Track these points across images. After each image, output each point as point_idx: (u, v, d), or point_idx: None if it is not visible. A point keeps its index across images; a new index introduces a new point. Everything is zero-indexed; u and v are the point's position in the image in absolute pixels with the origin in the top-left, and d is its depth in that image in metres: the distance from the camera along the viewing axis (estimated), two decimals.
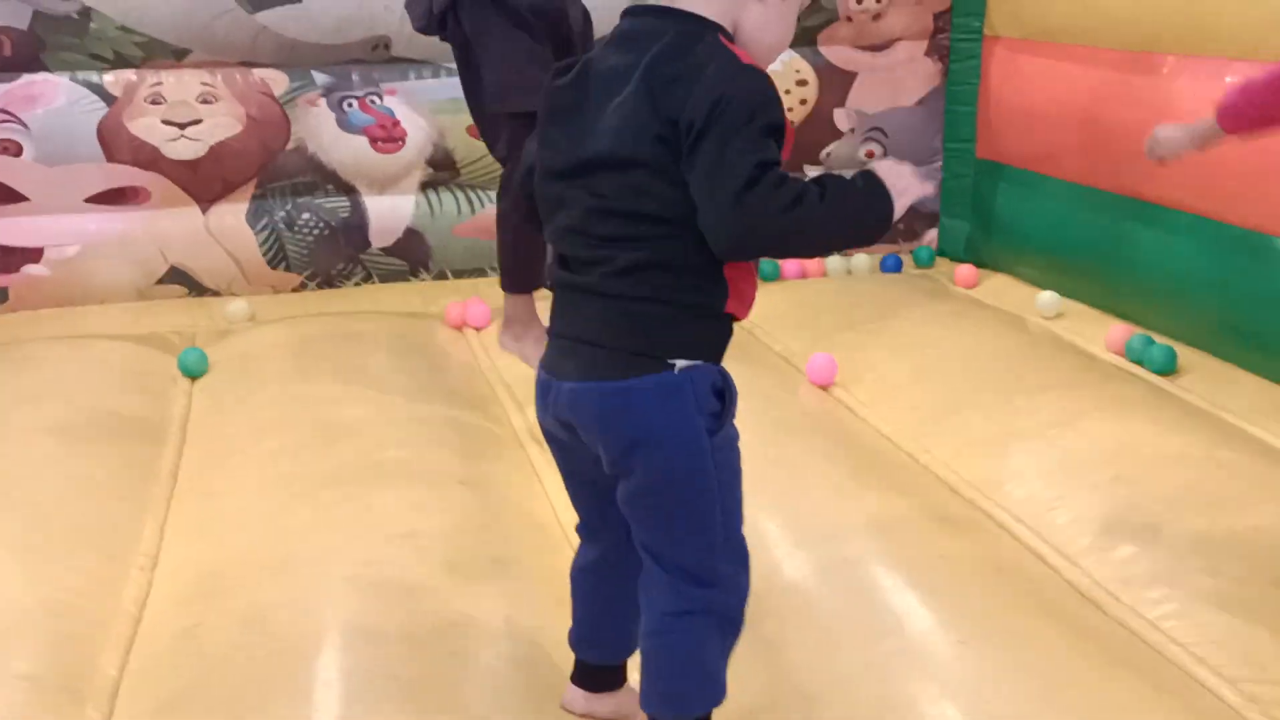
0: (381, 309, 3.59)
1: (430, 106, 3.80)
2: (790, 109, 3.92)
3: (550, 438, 1.52)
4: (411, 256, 3.88)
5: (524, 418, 2.70)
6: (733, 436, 1.47)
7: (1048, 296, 3.49)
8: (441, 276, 3.92)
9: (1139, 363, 3.04)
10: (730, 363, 1.48)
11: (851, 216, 1.42)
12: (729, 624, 1.48)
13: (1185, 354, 3.01)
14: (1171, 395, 2.81)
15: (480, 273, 3.93)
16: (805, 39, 3.98)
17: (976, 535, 2.18)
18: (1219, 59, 2.93)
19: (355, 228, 3.82)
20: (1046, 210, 3.64)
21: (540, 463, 2.42)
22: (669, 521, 1.45)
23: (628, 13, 1.48)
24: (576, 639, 1.64)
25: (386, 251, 3.86)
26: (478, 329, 3.44)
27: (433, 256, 3.89)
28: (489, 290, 3.73)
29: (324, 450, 2.42)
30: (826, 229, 1.41)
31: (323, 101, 3.75)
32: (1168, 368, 2.98)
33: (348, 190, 3.82)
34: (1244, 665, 1.75)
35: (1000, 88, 3.83)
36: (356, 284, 3.87)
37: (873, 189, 1.42)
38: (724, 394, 1.45)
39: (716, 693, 1.48)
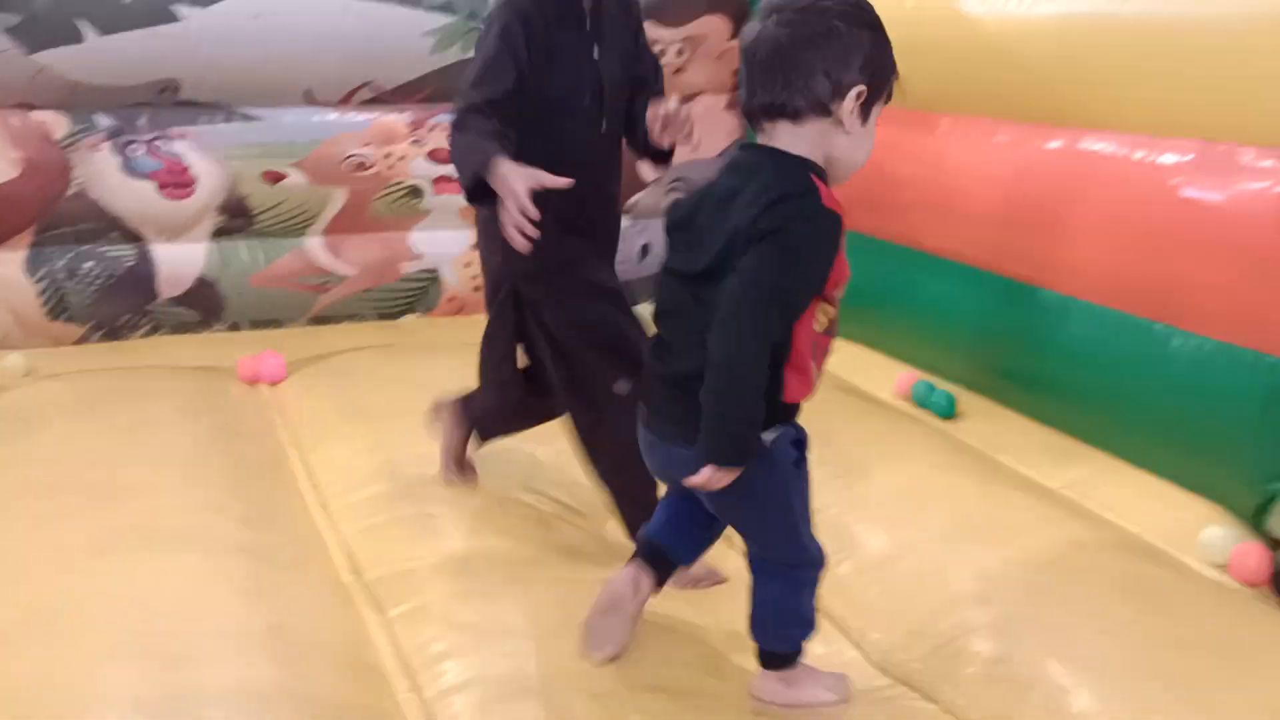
0: (170, 362, 3.46)
1: (222, 151, 3.71)
2: None
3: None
4: (203, 307, 3.76)
5: (312, 481, 2.65)
6: (806, 465, 1.86)
7: None
8: (236, 328, 3.81)
9: (924, 407, 3.18)
10: None
11: None
12: (815, 572, 1.88)
13: (966, 398, 3.16)
14: (953, 438, 2.94)
15: (276, 323, 3.84)
16: None
17: None
18: (986, 119, 3.11)
19: (142, 277, 3.69)
20: None
21: (324, 524, 2.38)
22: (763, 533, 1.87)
23: (741, 146, 1.84)
24: (654, 527, 1.97)
25: (176, 302, 3.74)
26: (272, 383, 3.35)
27: (226, 307, 3.78)
28: (285, 342, 3.66)
29: (98, 515, 2.31)
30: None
31: (106, 146, 3.61)
32: (949, 411, 3.12)
33: (134, 238, 3.68)
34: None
35: None
36: (144, 336, 3.73)
37: None
38: (800, 443, 1.84)
39: (810, 627, 1.90)
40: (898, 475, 2.60)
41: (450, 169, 3.84)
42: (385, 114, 3.85)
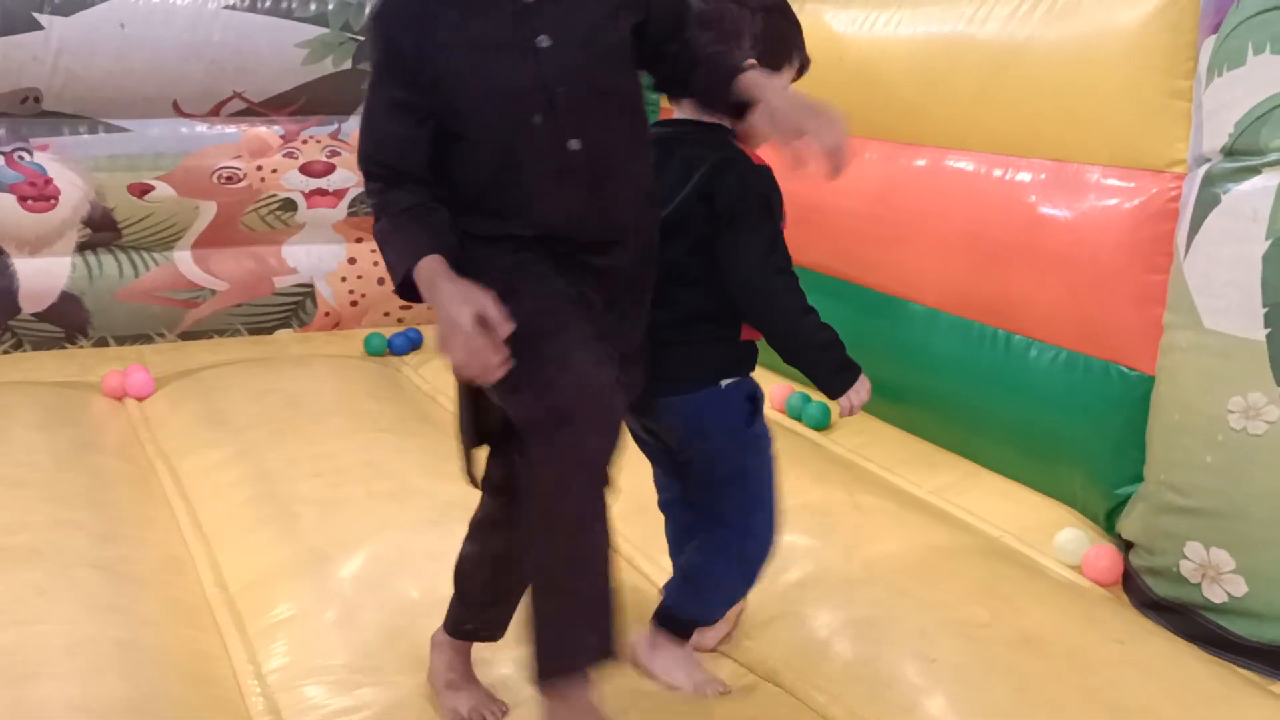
0: (31, 379, 3.36)
1: (87, 163, 3.62)
2: None
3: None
4: (68, 322, 3.66)
5: (181, 492, 2.60)
6: (766, 428, 1.94)
7: None
8: (102, 343, 3.72)
9: (798, 419, 3.24)
10: None
11: None
12: (751, 564, 1.93)
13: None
14: (823, 448, 3.00)
15: (145, 339, 3.76)
16: None
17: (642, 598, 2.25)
18: (856, 137, 3.17)
19: (3, 292, 3.58)
20: None
21: (193, 537, 2.33)
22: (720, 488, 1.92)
23: (656, 124, 1.88)
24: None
25: (39, 317, 3.63)
26: (139, 399, 3.27)
27: (92, 322, 3.69)
28: (153, 357, 3.58)
29: None
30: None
31: None
32: (822, 423, 3.19)
33: None
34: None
35: None
36: (5, 352, 3.61)
37: None
38: (755, 400, 1.93)
39: (721, 610, 1.99)
40: None
41: (325, 181, 3.87)
42: (256, 126, 3.79)
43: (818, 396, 3.26)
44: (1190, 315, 2.16)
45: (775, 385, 3.37)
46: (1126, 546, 2.41)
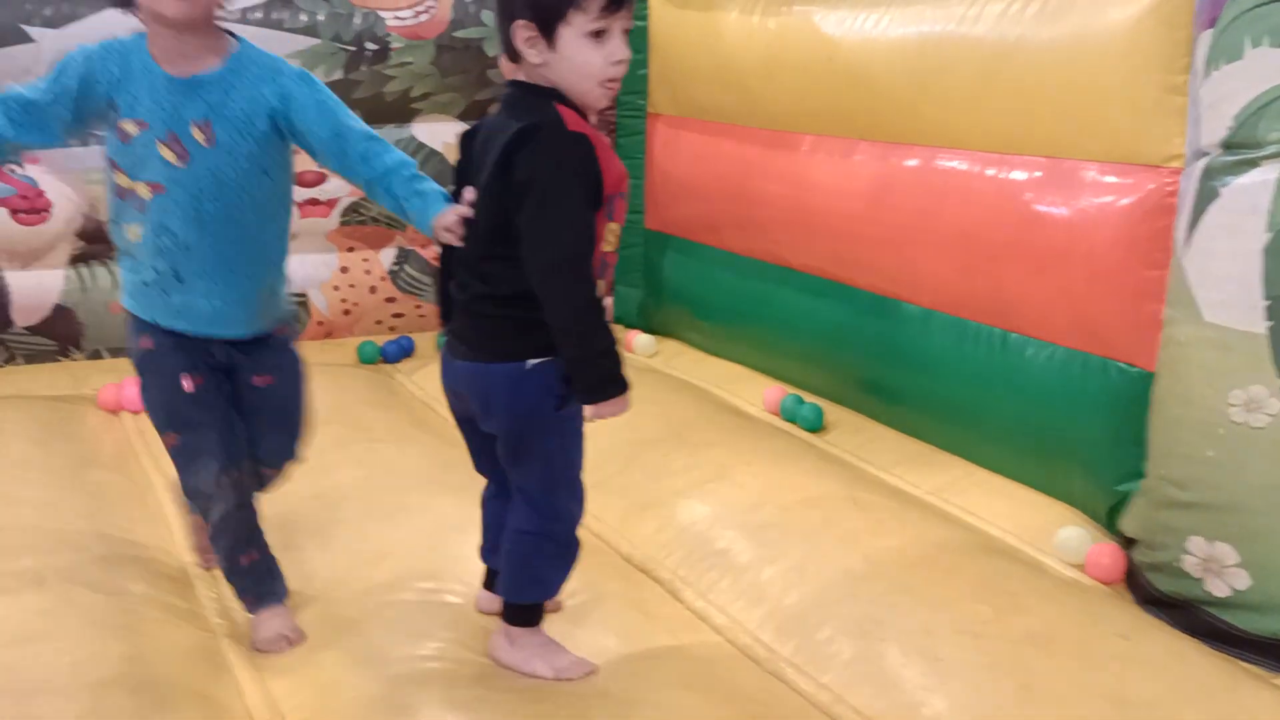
0: (25, 393, 3.34)
1: (79, 175, 3.60)
2: None
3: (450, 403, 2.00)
4: (61, 335, 3.65)
5: (173, 507, 2.58)
6: (576, 411, 1.90)
7: (644, 340, 3.93)
8: (96, 356, 3.70)
9: (792, 421, 3.24)
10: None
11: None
12: (559, 543, 1.96)
13: (833, 411, 3.22)
14: (818, 449, 3.00)
15: None
16: (477, 112, 4.03)
17: (641, 593, 2.27)
18: (848, 138, 3.19)
19: None
20: (709, 278, 3.83)
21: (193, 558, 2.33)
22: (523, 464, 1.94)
23: (508, 83, 1.90)
24: (485, 550, 2.12)
25: (32, 330, 3.61)
26: (135, 412, 3.25)
27: (85, 335, 3.67)
28: None
29: None
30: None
31: None
32: (816, 425, 3.18)
33: None
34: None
35: (664, 162, 4.01)
36: None
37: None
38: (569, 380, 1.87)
39: (543, 591, 1.99)
40: (765, 484, 2.63)
41: (318, 191, 3.85)
42: None
43: (810, 398, 3.27)
44: (1190, 309, 2.16)
45: (769, 389, 3.37)
46: (1128, 543, 2.40)
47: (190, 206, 1.93)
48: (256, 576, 2.09)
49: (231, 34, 1.98)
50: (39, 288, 3.61)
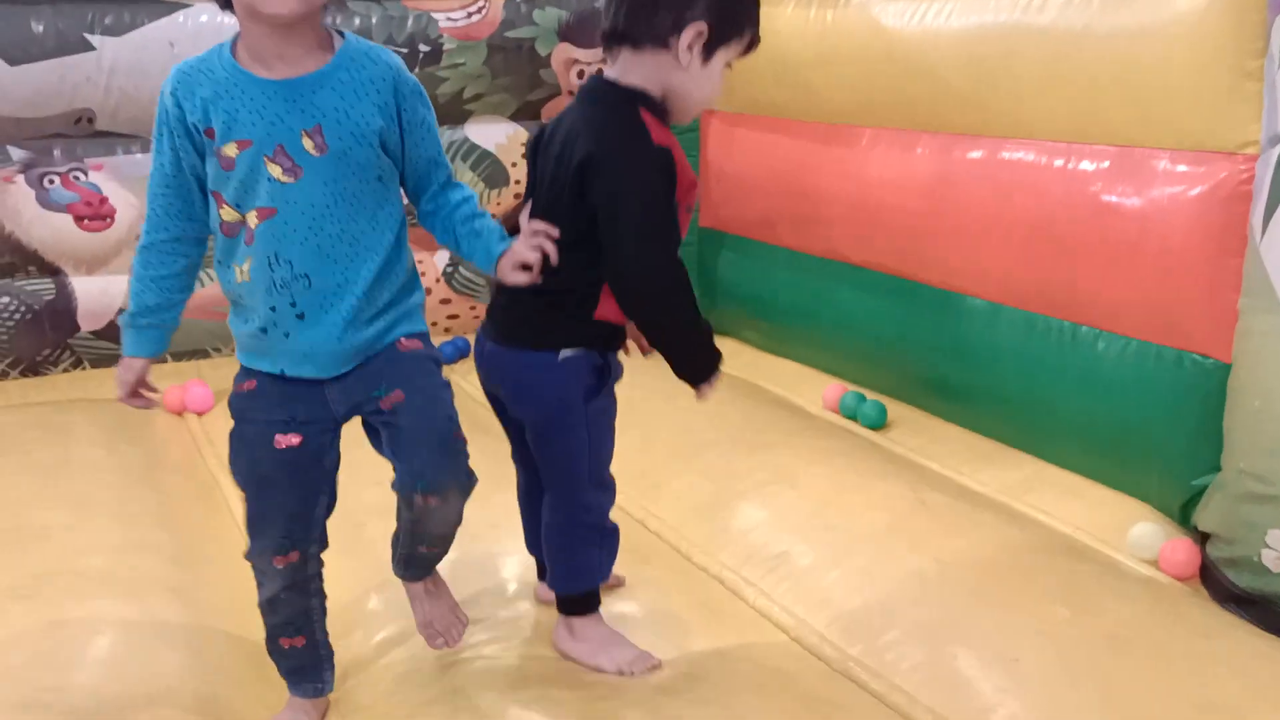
0: (92, 396, 3.38)
1: (141, 182, 3.60)
2: (517, 181, 3.97)
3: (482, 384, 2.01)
4: None
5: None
6: (608, 404, 1.94)
7: None
8: (160, 359, 3.73)
9: (853, 419, 3.20)
10: None
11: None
12: (593, 530, 1.97)
13: (895, 409, 3.18)
14: (882, 448, 2.96)
15: (202, 354, 3.77)
16: (530, 113, 4.04)
17: (705, 593, 2.25)
18: (908, 130, 3.15)
19: (61, 311, 3.60)
20: (764, 276, 3.80)
21: None
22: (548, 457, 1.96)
23: (590, 77, 1.93)
24: (529, 543, 2.15)
25: (97, 335, 3.65)
26: (199, 414, 3.29)
27: None
28: (210, 371, 3.60)
29: (17, 558, 2.23)
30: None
31: (20, 178, 3.52)
32: (879, 423, 3.14)
33: (52, 271, 3.59)
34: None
35: (718, 159, 3.99)
36: (64, 370, 3.64)
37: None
38: (603, 372, 1.91)
39: (589, 578, 1.99)
40: (829, 483, 2.61)
41: None
42: None
43: (872, 395, 3.23)
44: (1269, 298, 2.10)
45: (830, 386, 3.34)
46: (1203, 539, 2.35)
47: (306, 228, 1.69)
48: (296, 664, 1.87)
49: (338, 30, 1.73)
50: (104, 293, 3.65)
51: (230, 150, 1.66)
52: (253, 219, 1.68)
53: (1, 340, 3.55)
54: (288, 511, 1.77)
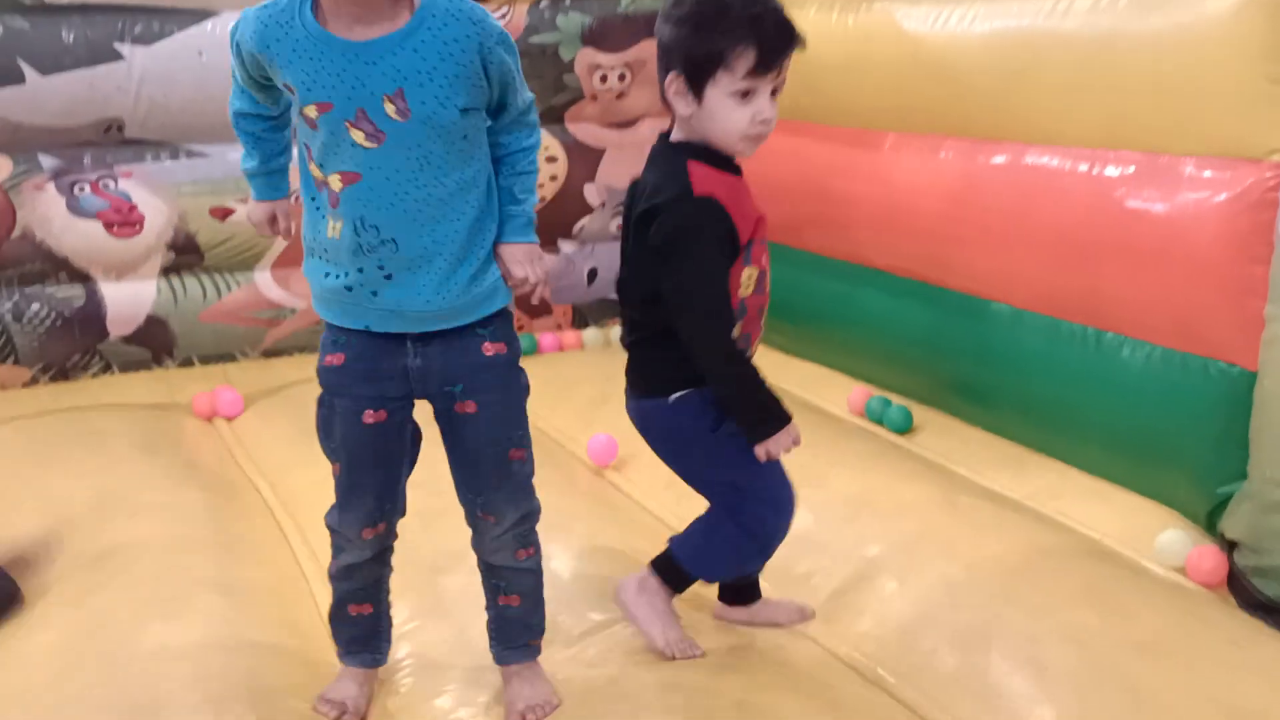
0: (125, 400, 3.42)
1: (170, 189, 3.68)
2: (541, 184, 3.99)
3: None
4: (155, 344, 3.73)
5: (288, 511, 2.63)
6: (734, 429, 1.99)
7: None
8: (188, 363, 3.78)
9: (879, 422, 3.21)
10: None
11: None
12: (746, 536, 2.03)
13: (920, 412, 3.19)
14: (908, 452, 2.97)
15: (229, 358, 3.81)
16: (553, 117, 4.06)
17: None
18: (933, 135, 3.16)
19: (91, 317, 3.65)
20: (791, 279, 3.78)
21: (304, 555, 2.36)
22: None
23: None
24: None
25: (127, 340, 3.70)
26: (228, 419, 3.32)
27: (178, 344, 3.75)
28: (238, 375, 3.64)
29: (67, 563, 2.28)
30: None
31: (51, 186, 3.57)
32: (904, 426, 3.15)
33: (82, 278, 3.64)
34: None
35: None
36: (94, 375, 3.68)
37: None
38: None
39: (704, 569, 2.07)
40: (857, 488, 2.62)
41: None
42: None
43: (898, 399, 3.24)
44: None
45: (855, 389, 3.35)
46: (1230, 546, 2.36)
47: (392, 193, 1.66)
48: (358, 633, 1.92)
49: None
50: (133, 299, 3.69)
51: (311, 111, 1.64)
52: (335, 182, 1.67)
53: (33, 346, 3.59)
54: (378, 485, 1.82)
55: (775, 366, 3.67)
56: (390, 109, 1.62)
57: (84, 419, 3.22)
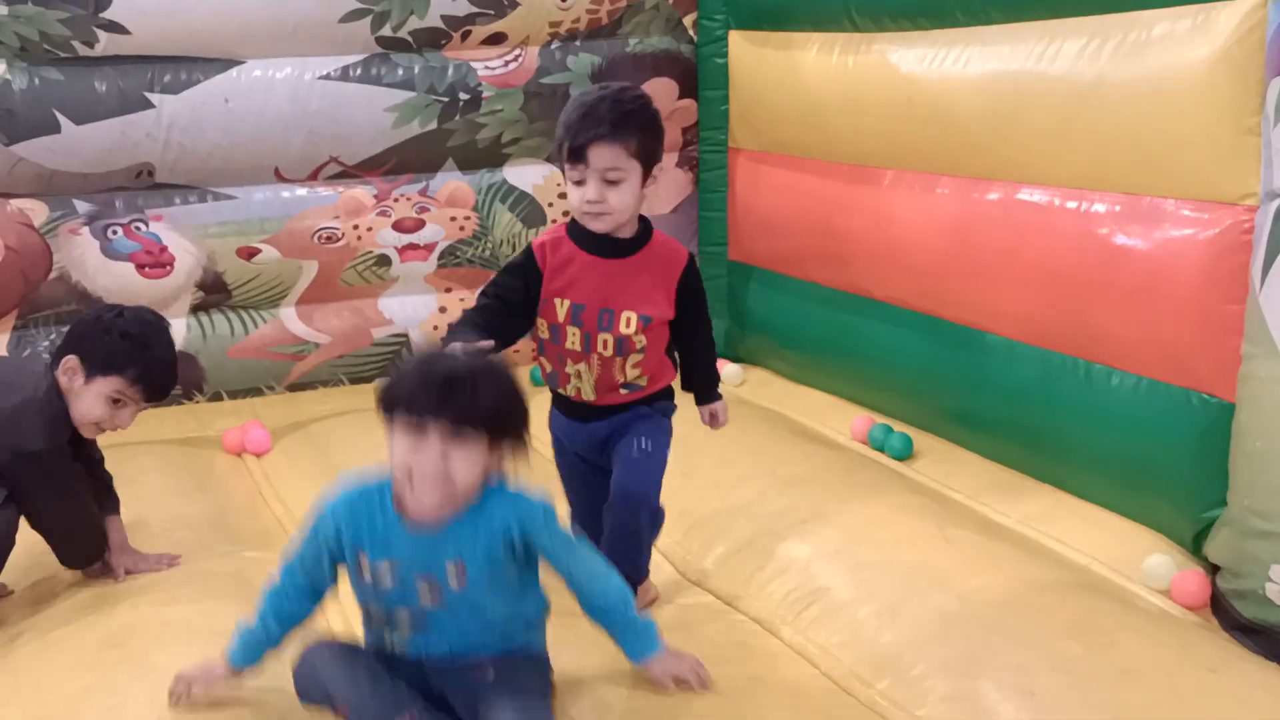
0: (154, 436, 3.54)
1: (198, 230, 3.83)
2: (553, 220, 4.11)
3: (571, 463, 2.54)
4: (184, 380, 3.85)
5: None
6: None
7: (732, 369, 3.99)
8: (217, 398, 3.92)
9: (880, 450, 3.33)
10: None
11: None
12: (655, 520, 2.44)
13: (919, 439, 3.31)
14: (908, 479, 3.08)
15: (256, 392, 3.96)
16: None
17: (740, 641, 2.39)
18: (927, 174, 3.28)
19: None
20: (793, 309, 3.93)
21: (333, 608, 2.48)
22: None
23: None
24: None
25: None
26: (257, 455, 3.45)
27: (206, 379, 3.90)
28: (265, 409, 3.78)
29: (103, 609, 2.38)
30: None
31: (85, 230, 3.72)
32: (905, 454, 3.27)
33: None
34: None
35: (746, 196, 4.13)
36: None
37: None
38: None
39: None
40: (858, 518, 2.72)
41: (416, 236, 4.02)
42: (351, 187, 3.97)
43: (897, 427, 3.35)
44: (1268, 346, 2.22)
45: (858, 417, 3.46)
46: (1214, 569, 2.47)
47: (451, 632, 1.95)
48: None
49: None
50: None
51: (382, 568, 1.93)
52: (402, 616, 1.96)
53: None
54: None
55: (779, 394, 3.81)
56: (452, 574, 1.94)
57: (117, 456, 3.30)
